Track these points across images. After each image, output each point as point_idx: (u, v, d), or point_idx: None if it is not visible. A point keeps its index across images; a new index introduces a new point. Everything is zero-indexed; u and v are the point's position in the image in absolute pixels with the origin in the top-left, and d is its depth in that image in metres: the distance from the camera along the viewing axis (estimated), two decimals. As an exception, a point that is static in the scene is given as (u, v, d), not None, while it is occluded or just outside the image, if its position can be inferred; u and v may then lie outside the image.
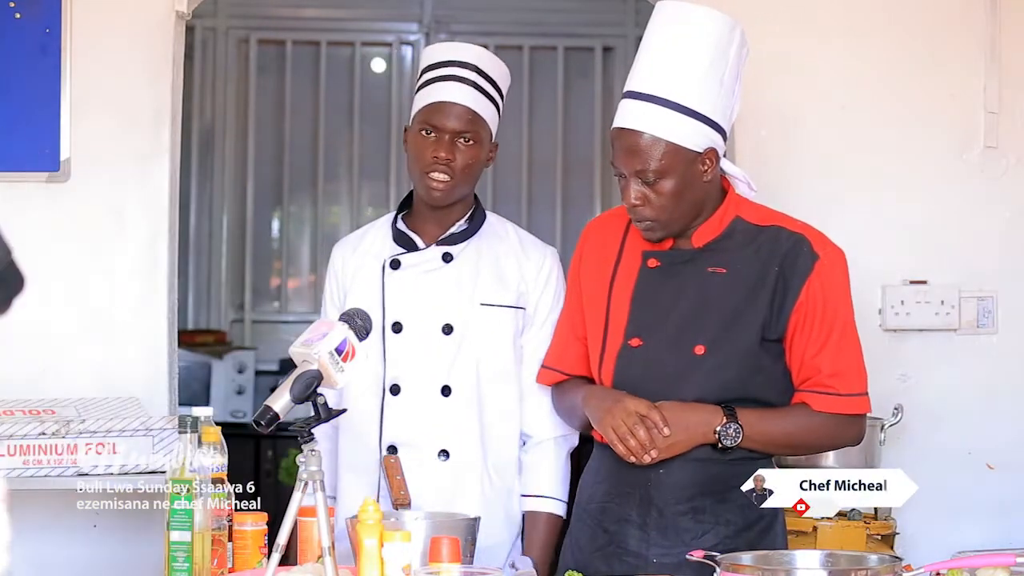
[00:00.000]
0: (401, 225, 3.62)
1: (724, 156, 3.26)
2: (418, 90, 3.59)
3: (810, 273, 3.19)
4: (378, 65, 8.29)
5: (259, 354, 7.43)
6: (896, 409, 4.22)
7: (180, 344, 4.41)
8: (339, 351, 2.81)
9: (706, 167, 3.19)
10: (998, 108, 4.44)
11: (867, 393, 3.25)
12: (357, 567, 2.79)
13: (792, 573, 2.81)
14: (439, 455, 3.52)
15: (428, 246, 3.59)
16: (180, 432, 2.99)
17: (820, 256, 3.22)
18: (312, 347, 2.80)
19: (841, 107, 4.44)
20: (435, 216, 3.59)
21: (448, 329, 3.53)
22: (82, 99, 4.21)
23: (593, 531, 3.28)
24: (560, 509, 3.56)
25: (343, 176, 8.13)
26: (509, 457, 3.58)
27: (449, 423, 3.53)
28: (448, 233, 3.59)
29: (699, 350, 3.19)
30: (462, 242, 3.59)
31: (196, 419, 3.02)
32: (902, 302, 4.42)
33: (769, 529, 3.25)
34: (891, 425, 4.21)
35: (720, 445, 3.15)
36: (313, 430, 2.78)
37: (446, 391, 3.53)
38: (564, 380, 3.43)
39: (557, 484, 3.57)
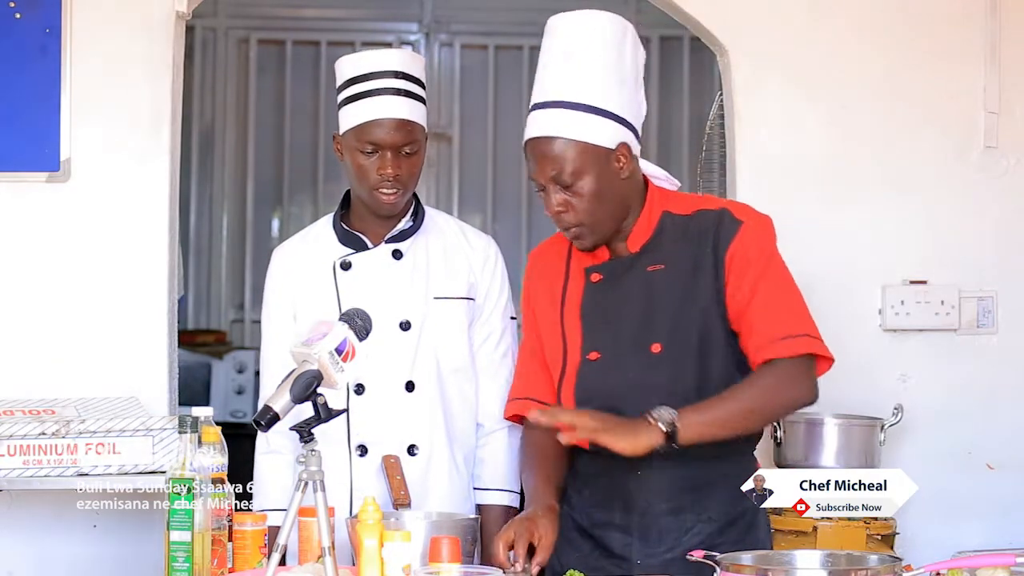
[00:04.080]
0: (346, 226, 3.64)
1: (640, 155, 3.27)
2: (345, 102, 3.59)
3: (732, 239, 3.19)
4: (378, 65, 8.27)
5: (259, 354, 7.41)
6: (896, 409, 4.22)
7: (180, 344, 4.41)
8: (339, 351, 2.81)
9: (621, 164, 3.19)
10: (998, 108, 4.44)
11: (815, 336, 3.17)
12: (357, 567, 2.79)
13: (792, 573, 2.81)
14: (408, 451, 3.55)
15: (377, 245, 3.61)
16: (180, 432, 2.99)
17: (744, 221, 3.21)
18: (312, 347, 2.80)
19: (841, 107, 4.44)
20: (380, 216, 3.62)
21: (406, 325, 3.57)
22: (82, 99, 4.20)
23: (580, 540, 3.29)
24: (514, 500, 3.62)
25: (343, 176, 8.10)
26: (472, 447, 3.65)
27: (415, 419, 3.57)
28: (397, 231, 3.62)
29: (656, 348, 3.19)
30: (409, 238, 3.63)
31: (196, 419, 3.02)
32: (902, 302, 4.42)
33: (753, 525, 3.26)
34: (891, 425, 4.20)
35: (664, 431, 3.04)
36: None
37: (410, 387, 3.57)
38: (531, 427, 3.39)
39: (509, 475, 3.63)
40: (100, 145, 4.22)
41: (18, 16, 4.19)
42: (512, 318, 3.71)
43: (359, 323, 2.88)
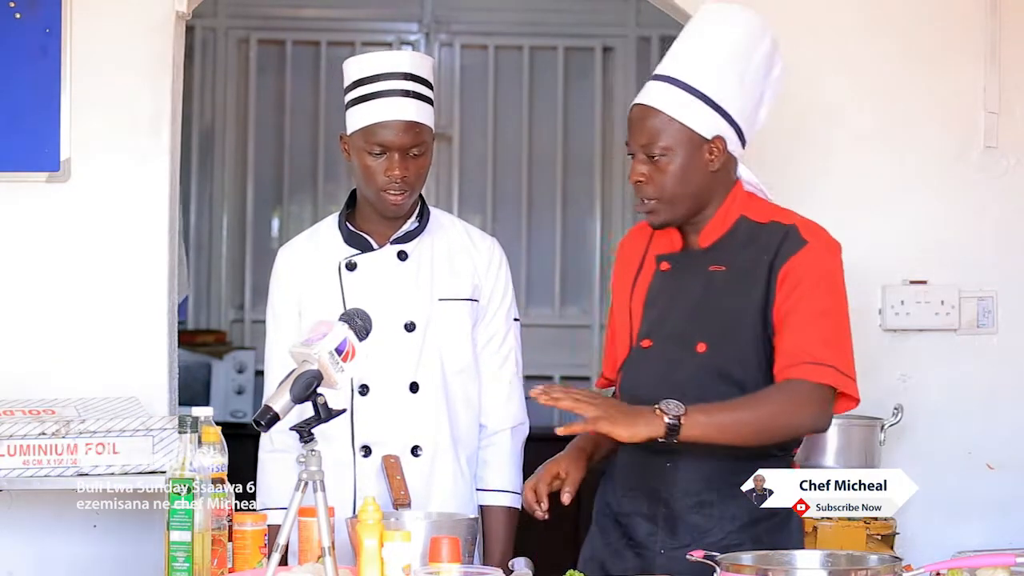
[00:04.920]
0: (352, 226, 3.64)
1: (741, 161, 3.30)
2: (353, 103, 3.57)
3: (793, 255, 3.19)
4: (378, 65, 8.27)
5: (259, 354, 7.39)
6: (896, 409, 4.22)
7: (180, 344, 4.41)
8: (339, 351, 2.81)
9: (713, 156, 3.22)
10: (998, 108, 4.44)
11: (843, 372, 3.15)
12: (357, 567, 2.79)
13: (792, 573, 2.81)
14: (411, 452, 3.55)
15: (382, 246, 3.62)
16: (180, 432, 2.99)
17: (809, 242, 3.22)
18: (312, 347, 2.80)
19: (841, 107, 4.44)
20: (386, 217, 3.62)
21: (411, 326, 3.57)
22: (82, 99, 4.21)
23: (610, 527, 3.31)
24: (516, 501, 3.63)
25: (343, 176, 8.13)
26: (475, 449, 3.66)
27: (419, 420, 3.57)
28: (402, 232, 3.62)
29: (701, 347, 3.21)
30: (415, 239, 3.63)
31: (196, 419, 3.01)
32: (902, 302, 4.42)
33: (783, 526, 3.23)
34: (891, 425, 4.21)
35: (667, 420, 3.03)
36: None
37: (414, 388, 3.57)
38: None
39: (512, 476, 3.65)
40: (100, 145, 4.22)
41: (18, 16, 4.19)
42: (516, 320, 3.71)
43: (359, 323, 2.88)
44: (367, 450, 3.55)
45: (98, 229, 4.22)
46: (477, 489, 3.65)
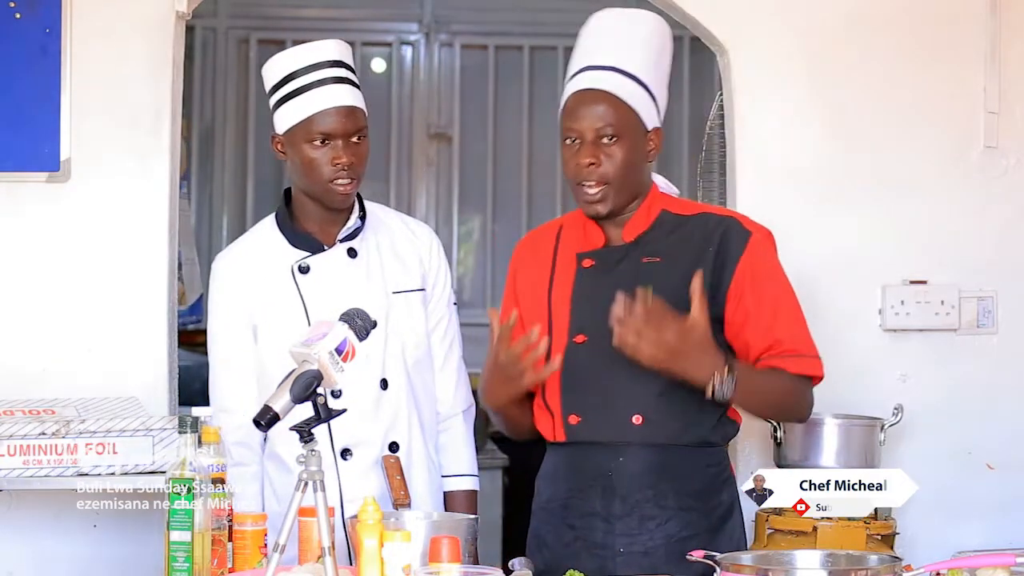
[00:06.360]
0: (295, 227, 3.62)
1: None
2: (284, 99, 3.57)
3: (744, 248, 3.27)
4: (378, 65, 8.30)
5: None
6: (896, 409, 4.22)
7: (180, 344, 4.41)
8: (339, 351, 2.82)
9: (651, 147, 3.30)
10: (998, 108, 4.44)
11: (819, 357, 3.30)
12: (357, 567, 2.79)
13: (792, 573, 2.81)
14: (390, 449, 3.56)
15: (331, 246, 3.61)
16: (180, 432, 2.99)
17: (752, 232, 3.30)
18: (312, 347, 2.80)
19: (841, 107, 4.44)
20: (330, 215, 3.61)
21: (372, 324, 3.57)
22: (82, 99, 4.20)
23: (558, 529, 3.32)
24: (476, 484, 3.70)
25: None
26: (437, 436, 3.70)
27: (393, 415, 3.59)
28: (349, 230, 3.62)
29: None
30: (359, 236, 3.63)
31: (196, 419, 3.01)
32: (902, 302, 4.42)
33: (729, 514, 3.30)
34: (891, 425, 4.20)
35: (710, 394, 3.13)
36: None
37: (384, 384, 3.58)
38: None
39: (469, 459, 3.71)
40: (100, 145, 4.21)
41: (18, 16, 4.19)
42: (454, 304, 3.75)
43: (359, 323, 2.88)
44: (347, 452, 3.55)
45: (98, 229, 4.22)
46: (440, 475, 3.68)
